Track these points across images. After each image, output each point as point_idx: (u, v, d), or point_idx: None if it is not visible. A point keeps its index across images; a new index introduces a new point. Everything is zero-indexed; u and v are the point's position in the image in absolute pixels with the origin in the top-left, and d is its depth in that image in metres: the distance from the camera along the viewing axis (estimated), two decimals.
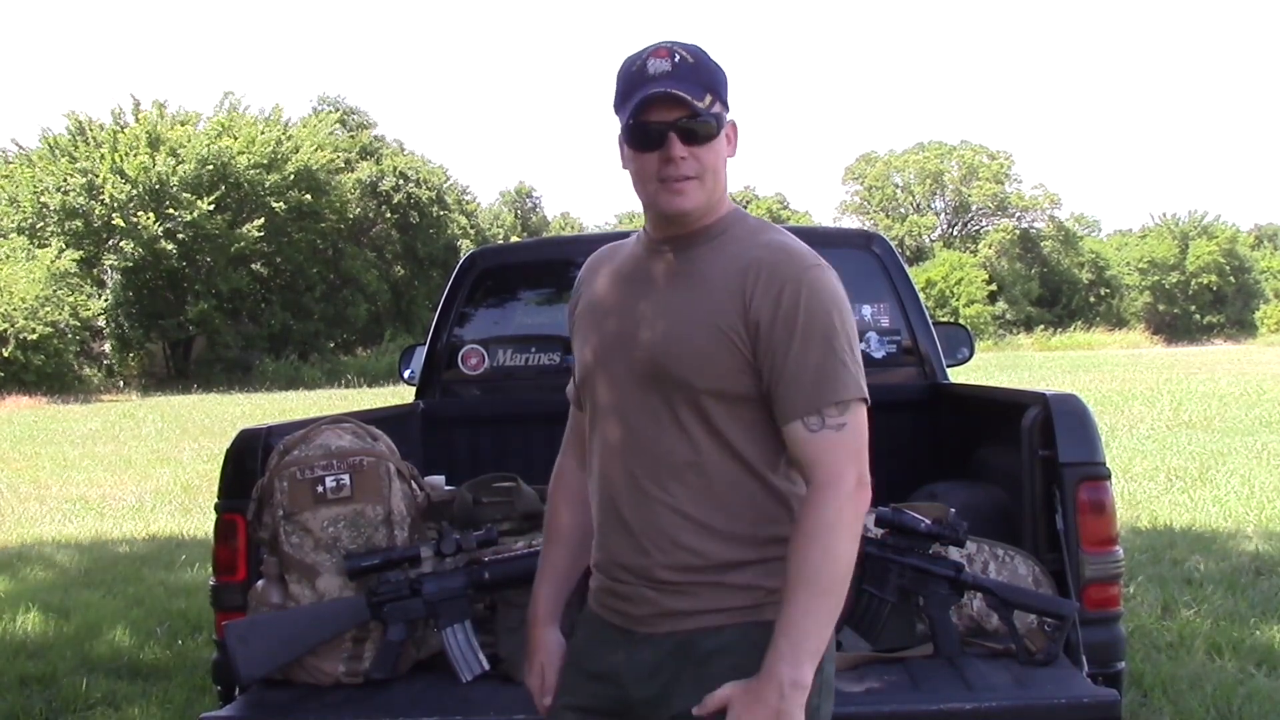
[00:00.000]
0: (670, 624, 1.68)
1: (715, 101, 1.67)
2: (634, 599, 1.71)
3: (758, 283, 1.64)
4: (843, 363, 1.62)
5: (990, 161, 54.77)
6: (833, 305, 1.65)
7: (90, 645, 5.13)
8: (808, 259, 1.68)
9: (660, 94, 1.63)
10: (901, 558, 2.74)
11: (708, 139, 1.67)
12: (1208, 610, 5.12)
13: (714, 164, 1.68)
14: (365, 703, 2.57)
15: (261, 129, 35.44)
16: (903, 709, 2.43)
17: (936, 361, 4.37)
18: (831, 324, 1.63)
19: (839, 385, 1.61)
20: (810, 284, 1.64)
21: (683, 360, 1.66)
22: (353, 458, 2.74)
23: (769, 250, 1.68)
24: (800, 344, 1.61)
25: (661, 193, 1.68)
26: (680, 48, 1.68)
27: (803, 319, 1.62)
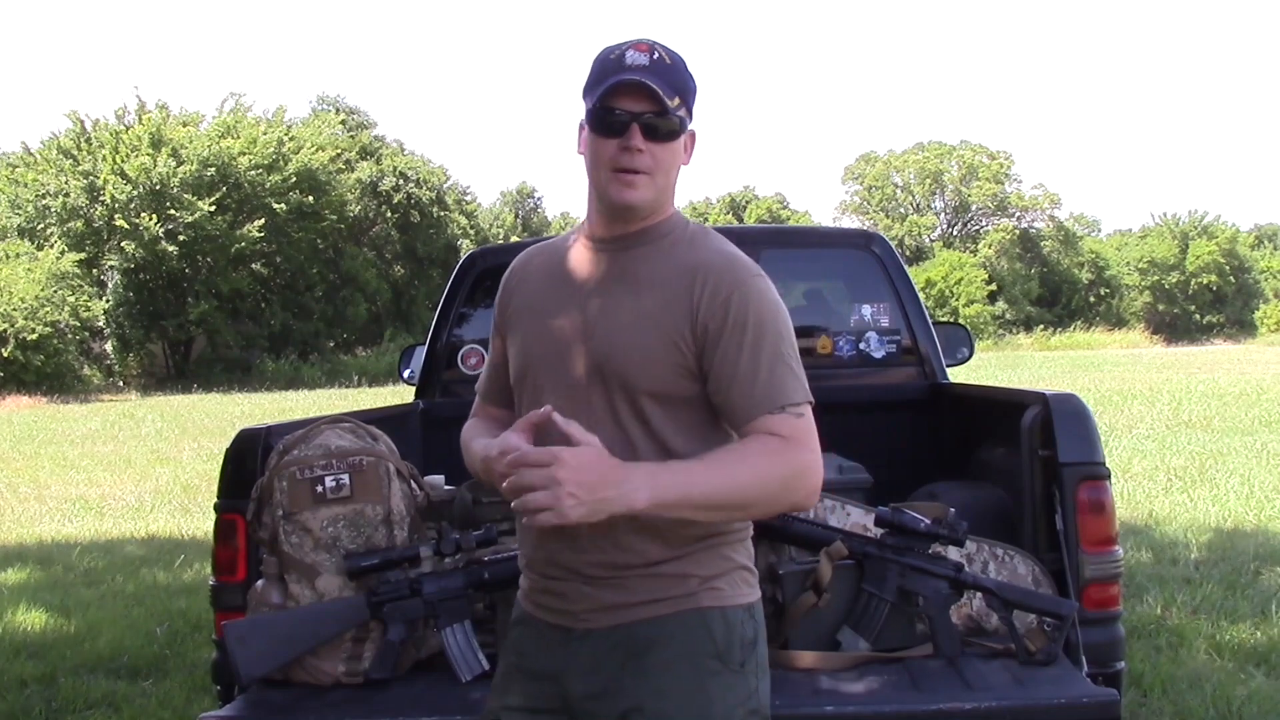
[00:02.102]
0: (608, 618, 1.69)
1: (682, 105, 1.71)
2: (569, 595, 1.72)
3: (705, 288, 1.68)
4: (790, 369, 1.68)
5: (990, 161, 54.75)
6: (778, 313, 1.71)
7: (90, 645, 5.13)
8: (751, 268, 1.73)
9: (634, 81, 1.66)
10: (901, 557, 2.74)
11: (668, 138, 1.70)
12: (1208, 610, 5.12)
13: (668, 163, 1.71)
14: (365, 703, 2.57)
15: (264, 129, 35.44)
16: (903, 709, 2.43)
17: (936, 361, 4.37)
18: (779, 332, 1.69)
19: (790, 390, 1.67)
20: (758, 292, 1.69)
21: (627, 361, 1.68)
22: (352, 457, 2.74)
23: (715, 256, 1.72)
24: (751, 351, 1.66)
25: (613, 183, 1.70)
26: (661, 47, 1.71)
27: (752, 326, 1.66)
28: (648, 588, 1.68)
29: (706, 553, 1.70)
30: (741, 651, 1.71)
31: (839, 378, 4.42)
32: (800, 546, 2.87)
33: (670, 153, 1.71)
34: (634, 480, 1.54)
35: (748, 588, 1.76)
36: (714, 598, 1.70)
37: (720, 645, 1.69)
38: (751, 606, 1.76)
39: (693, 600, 1.69)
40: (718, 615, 1.70)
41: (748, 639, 1.73)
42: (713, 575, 1.70)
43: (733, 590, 1.73)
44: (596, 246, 1.78)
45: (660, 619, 1.68)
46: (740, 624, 1.72)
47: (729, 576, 1.73)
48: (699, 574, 1.69)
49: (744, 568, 1.77)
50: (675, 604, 1.68)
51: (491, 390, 1.94)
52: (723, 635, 1.70)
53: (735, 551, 1.75)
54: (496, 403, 1.92)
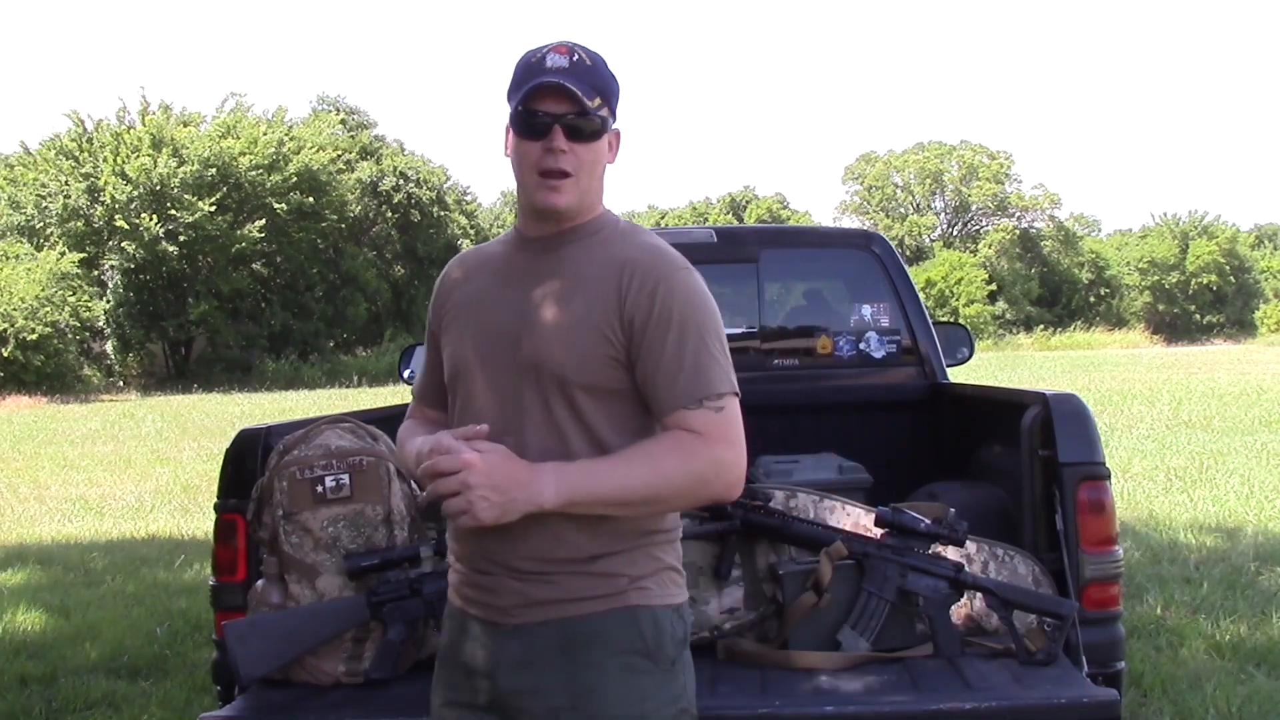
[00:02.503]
0: (538, 613, 1.71)
1: (604, 106, 1.74)
2: (498, 590, 1.73)
3: (632, 281, 1.70)
4: (715, 360, 1.70)
5: (990, 161, 54.73)
6: (704, 305, 1.72)
7: (90, 645, 5.13)
8: (678, 261, 1.75)
9: (554, 84, 1.69)
10: (901, 558, 2.74)
11: (591, 138, 1.73)
12: (1208, 610, 5.12)
13: (591, 163, 1.74)
14: (365, 703, 2.57)
15: (264, 130, 35.44)
16: (903, 709, 2.43)
17: (936, 361, 4.37)
18: (704, 323, 1.71)
19: (715, 379, 1.68)
20: (683, 285, 1.71)
21: (559, 354, 1.70)
22: (352, 457, 2.74)
23: (642, 250, 1.75)
24: (676, 341, 1.68)
25: (540, 188, 1.73)
26: (581, 49, 1.75)
27: (678, 318, 1.69)
28: (578, 585, 1.70)
29: (636, 552, 1.72)
30: (672, 650, 1.74)
31: (839, 378, 4.42)
32: (800, 546, 2.87)
33: (594, 153, 1.74)
34: (541, 480, 1.60)
35: (676, 588, 1.79)
36: (643, 597, 1.72)
37: (650, 644, 1.71)
38: (680, 607, 1.78)
39: (622, 599, 1.71)
40: (647, 614, 1.72)
41: (677, 638, 1.75)
42: (642, 575, 1.72)
43: (661, 590, 1.75)
44: (528, 246, 1.81)
45: (590, 617, 1.70)
46: (670, 623, 1.74)
47: (658, 576, 1.75)
48: (628, 573, 1.72)
49: (672, 568, 1.79)
50: (606, 602, 1.70)
51: (427, 392, 1.96)
52: (652, 634, 1.72)
53: (664, 552, 1.77)
54: (432, 404, 1.94)
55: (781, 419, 4.26)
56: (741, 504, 2.85)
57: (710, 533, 2.85)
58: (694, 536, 2.86)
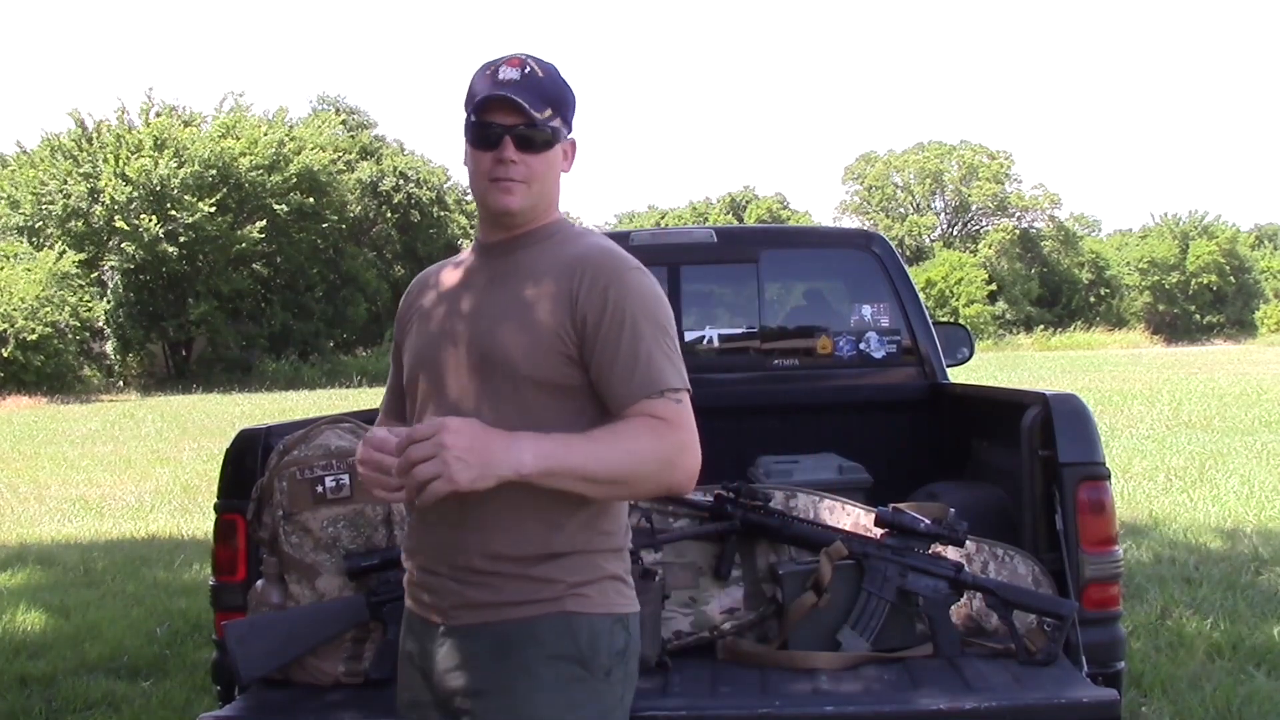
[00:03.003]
0: (474, 615, 1.71)
1: (556, 116, 1.78)
2: (438, 590, 1.75)
3: (583, 280, 1.72)
4: (669, 358, 1.71)
5: (990, 161, 54.75)
6: (658, 305, 1.75)
7: (90, 645, 5.13)
8: (630, 261, 1.77)
9: (500, 97, 1.73)
10: (901, 558, 2.74)
11: (541, 148, 1.77)
12: (1208, 610, 5.12)
13: (543, 172, 1.78)
14: (365, 703, 2.57)
15: (265, 130, 35.44)
16: (903, 709, 2.43)
17: (936, 361, 4.37)
18: (658, 322, 1.73)
19: (670, 375, 1.70)
20: (636, 284, 1.74)
21: (510, 350, 1.72)
22: (352, 458, 2.73)
23: (593, 251, 1.77)
24: (631, 338, 1.70)
25: (491, 190, 1.77)
26: (534, 61, 1.79)
27: (630, 317, 1.70)
28: (515, 589, 1.70)
29: (577, 559, 1.72)
30: (608, 660, 1.72)
31: (839, 378, 4.42)
32: (800, 546, 2.87)
33: (544, 162, 1.78)
34: (520, 444, 1.57)
35: (621, 598, 1.77)
36: (580, 604, 1.71)
37: (584, 651, 1.70)
38: (624, 618, 1.76)
39: (558, 604, 1.70)
40: (583, 621, 1.70)
41: (616, 649, 1.73)
42: (581, 582, 1.71)
43: (602, 599, 1.73)
44: (484, 252, 1.85)
45: (525, 621, 1.69)
46: (607, 633, 1.72)
47: (599, 584, 1.73)
48: (567, 579, 1.71)
49: (616, 578, 1.77)
50: (541, 606, 1.70)
51: (393, 405, 1.98)
52: (587, 642, 1.70)
53: (608, 561, 1.76)
54: (398, 417, 1.95)
55: (781, 419, 4.26)
56: (741, 504, 2.85)
57: (710, 533, 2.85)
58: (694, 536, 2.87)
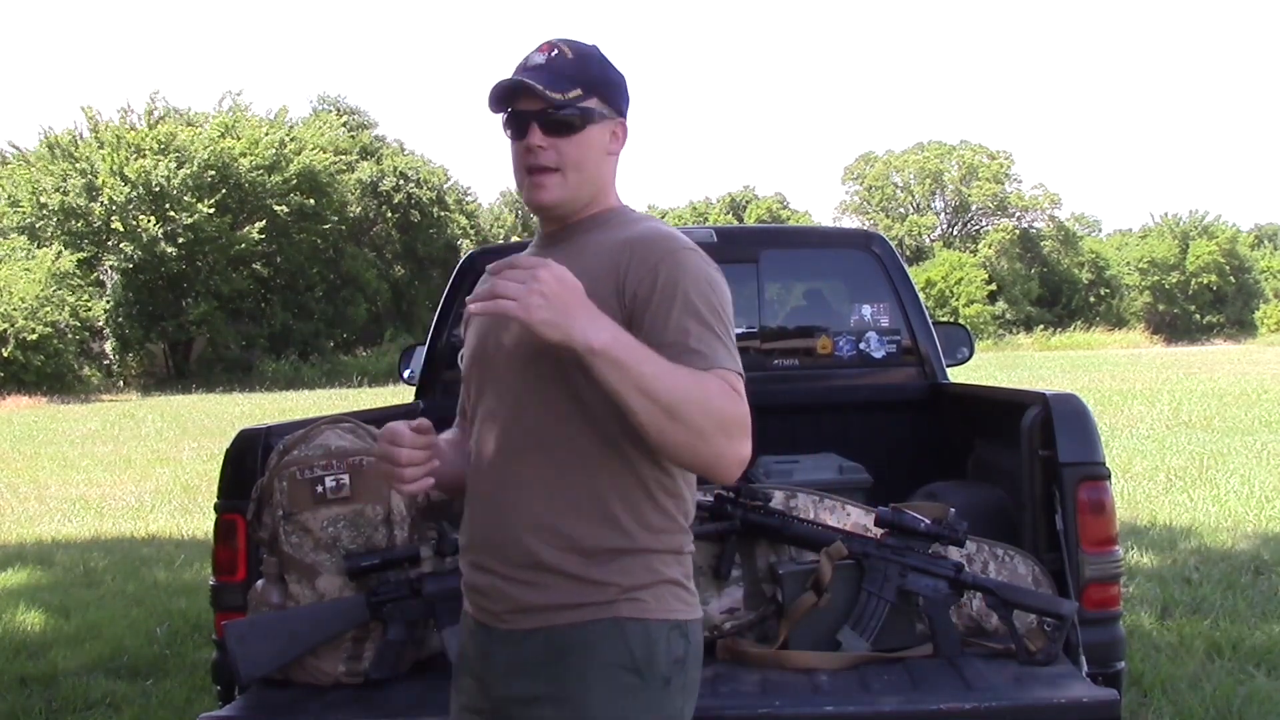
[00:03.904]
0: (527, 620, 1.66)
1: (590, 97, 1.69)
2: (490, 593, 1.69)
3: (632, 259, 1.64)
4: (721, 340, 1.60)
5: (990, 161, 54.77)
6: (710, 287, 1.64)
7: (90, 645, 5.13)
8: (684, 241, 1.68)
9: (513, 83, 1.68)
10: (901, 558, 2.74)
11: (569, 131, 1.69)
12: (1208, 610, 5.12)
13: (577, 158, 1.69)
14: (365, 703, 2.57)
15: (265, 130, 35.44)
16: (903, 709, 2.43)
17: (936, 361, 4.37)
18: (710, 303, 1.62)
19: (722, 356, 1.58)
20: (690, 262, 1.65)
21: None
22: (352, 458, 2.74)
23: (646, 232, 1.70)
24: (680, 314, 1.59)
25: (525, 185, 1.73)
26: (564, 44, 1.72)
27: (683, 293, 1.61)
28: (568, 591, 1.63)
29: (632, 562, 1.64)
30: (666, 669, 1.64)
31: (839, 378, 4.42)
32: (800, 546, 2.87)
33: (578, 146, 1.69)
34: (602, 320, 1.49)
35: (680, 604, 1.69)
36: (635, 609, 1.63)
37: (639, 659, 1.62)
38: (683, 624, 1.68)
39: (612, 609, 1.63)
40: (637, 628, 1.63)
41: (674, 657, 1.65)
42: (636, 586, 1.64)
43: (658, 604, 1.65)
44: (541, 242, 1.81)
45: (577, 626, 1.63)
46: (665, 640, 1.64)
47: (655, 589, 1.66)
48: (620, 583, 1.63)
49: (675, 583, 1.69)
50: (594, 611, 1.63)
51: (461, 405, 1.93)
52: (642, 649, 1.63)
53: (665, 565, 1.68)
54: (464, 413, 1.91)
55: (781, 419, 4.26)
56: (741, 504, 2.85)
57: (710, 533, 2.85)
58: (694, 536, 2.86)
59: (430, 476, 1.70)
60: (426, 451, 1.70)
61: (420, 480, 1.69)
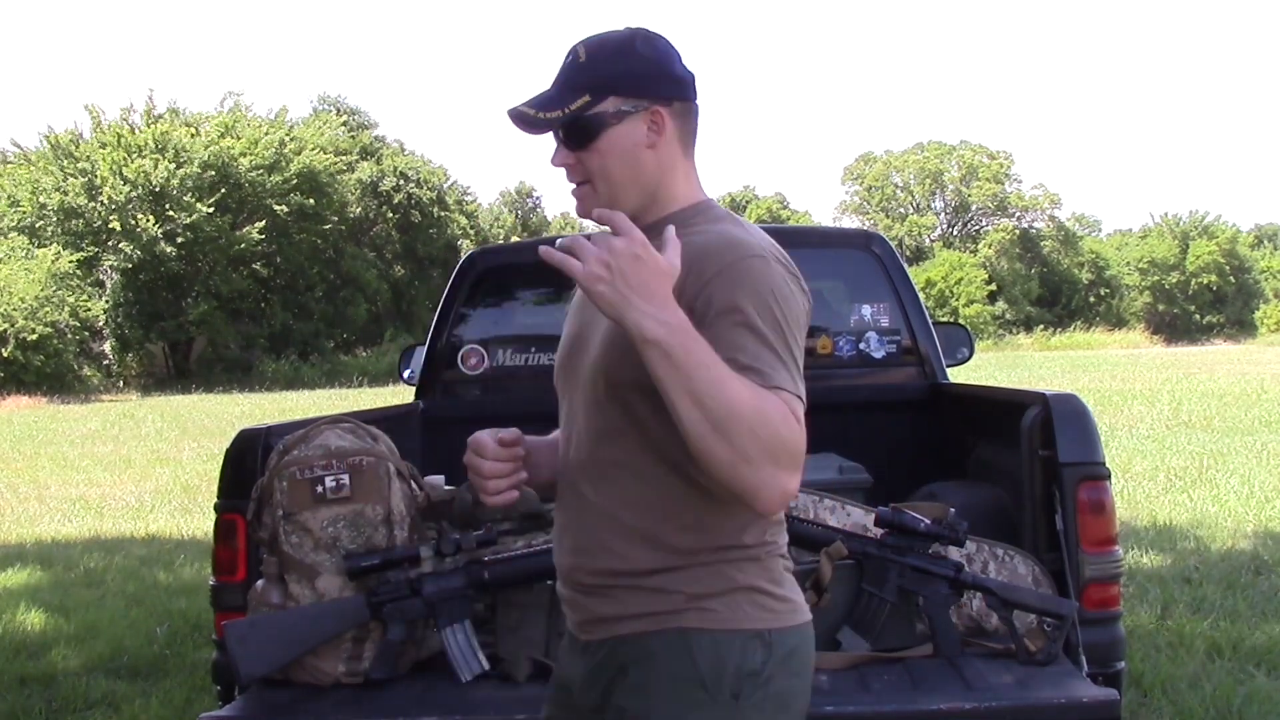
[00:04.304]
0: (601, 630, 1.61)
1: (601, 97, 1.58)
2: (572, 604, 1.66)
3: (689, 273, 1.49)
4: (779, 357, 1.46)
5: (990, 161, 54.78)
6: (774, 298, 1.50)
7: (90, 645, 5.13)
8: (749, 248, 1.53)
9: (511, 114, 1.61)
10: (901, 558, 2.74)
11: (584, 142, 1.60)
12: (1208, 610, 5.12)
13: (600, 167, 1.60)
14: (365, 703, 2.57)
15: (265, 130, 35.45)
16: (903, 709, 2.43)
17: (936, 361, 4.37)
18: (773, 315, 1.48)
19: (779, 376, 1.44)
20: (750, 270, 1.50)
21: (609, 351, 1.57)
22: (352, 458, 2.74)
23: (713, 237, 1.56)
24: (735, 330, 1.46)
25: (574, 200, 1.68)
26: (583, 45, 1.63)
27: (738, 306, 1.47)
28: (633, 601, 1.56)
29: (701, 569, 1.54)
30: (735, 682, 1.52)
31: (839, 378, 4.41)
32: (800, 546, 2.87)
33: (599, 154, 1.59)
34: (669, 310, 1.38)
35: (760, 611, 1.56)
36: (702, 619, 1.53)
37: (705, 673, 1.52)
38: (765, 634, 1.55)
39: (676, 619, 1.54)
40: (705, 639, 1.53)
41: (748, 669, 1.53)
42: (706, 594, 1.54)
43: (731, 613, 1.54)
44: None
45: (642, 636, 1.55)
46: (737, 652, 1.53)
47: (728, 598, 1.55)
48: (687, 591, 1.54)
49: (754, 589, 1.56)
50: (657, 621, 1.55)
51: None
52: (709, 662, 1.52)
53: (741, 570, 1.56)
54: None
55: None
56: None
57: None
58: None
59: (515, 490, 1.66)
60: (512, 463, 1.65)
61: (505, 494, 1.65)
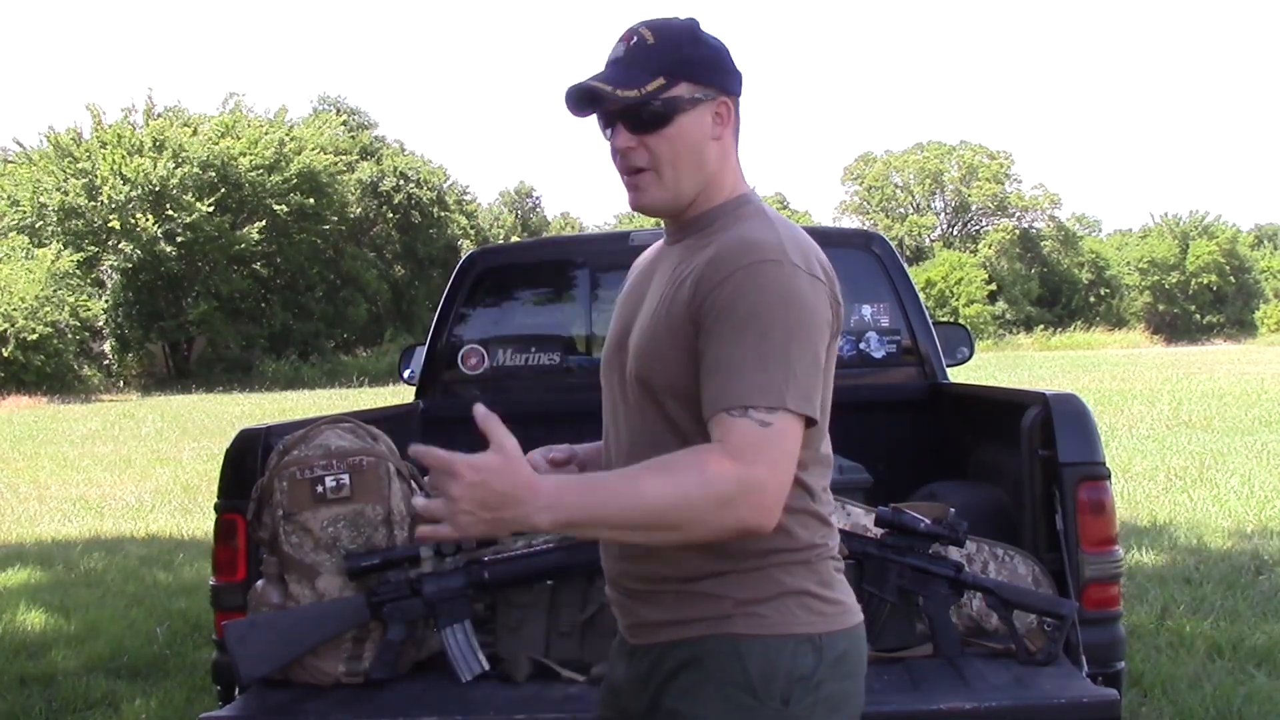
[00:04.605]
0: (648, 635, 1.60)
1: (675, 82, 1.53)
2: (621, 609, 1.65)
3: (710, 272, 1.49)
4: (765, 367, 1.43)
5: (990, 161, 54.78)
6: (780, 304, 1.45)
7: (90, 645, 5.13)
8: (762, 251, 1.49)
9: (581, 88, 1.54)
10: (901, 558, 2.74)
11: (656, 127, 1.53)
12: (1208, 610, 5.12)
13: (670, 152, 1.54)
14: (365, 703, 2.57)
15: (265, 130, 35.45)
16: (903, 709, 2.43)
17: (936, 361, 4.37)
18: (773, 322, 1.44)
19: (768, 388, 1.41)
20: (763, 276, 1.46)
21: (643, 357, 1.56)
22: (353, 458, 2.74)
23: (734, 239, 1.52)
24: (729, 338, 1.44)
25: (626, 188, 1.59)
26: (645, 28, 1.56)
27: (744, 310, 1.45)
28: (681, 606, 1.54)
29: (751, 574, 1.52)
30: (784, 687, 1.50)
31: (839, 378, 4.39)
32: None
33: (669, 140, 1.54)
34: (539, 500, 1.34)
35: (810, 615, 1.53)
36: (751, 624, 1.51)
37: (755, 678, 1.49)
38: (815, 637, 1.52)
39: (726, 625, 1.52)
40: (754, 645, 1.50)
41: (798, 674, 1.50)
42: (755, 599, 1.51)
43: (781, 618, 1.52)
44: (666, 240, 1.68)
45: (690, 642, 1.54)
46: (788, 657, 1.50)
47: (778, 602, 1.52)
48: (736, 596, 1.52)
49: (804, 593, 1.54)
50: (706, 626, 1.53)
51: None
52: (759, 667, 1.50)
53: (790, 574, 1.53)
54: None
55: None
56: None
57: None
58: None
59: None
60: None
61: None
